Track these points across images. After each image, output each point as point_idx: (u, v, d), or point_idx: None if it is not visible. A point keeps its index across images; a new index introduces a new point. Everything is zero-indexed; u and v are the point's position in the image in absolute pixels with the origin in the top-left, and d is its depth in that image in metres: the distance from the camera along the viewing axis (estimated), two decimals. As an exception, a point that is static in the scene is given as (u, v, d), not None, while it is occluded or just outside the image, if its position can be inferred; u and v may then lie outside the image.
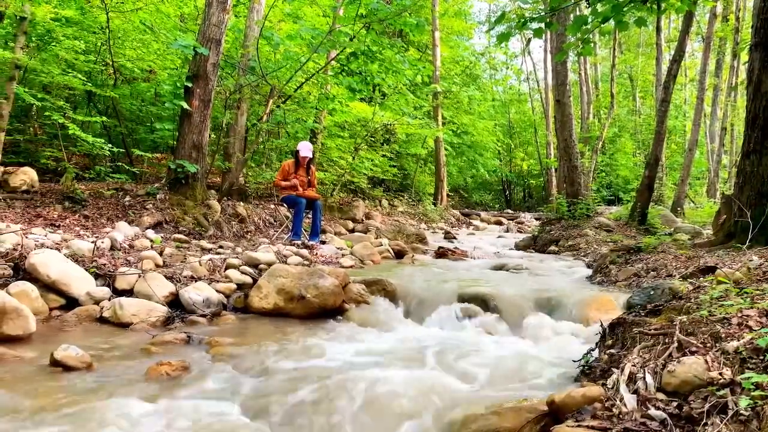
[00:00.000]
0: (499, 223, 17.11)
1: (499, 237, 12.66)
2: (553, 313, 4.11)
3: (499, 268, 6.53)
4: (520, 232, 14.49)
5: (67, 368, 2.74)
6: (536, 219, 17.09)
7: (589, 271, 6.10)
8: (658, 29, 15.57)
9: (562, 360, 3.06)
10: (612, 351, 2.60)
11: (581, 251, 8.14)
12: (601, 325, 2.89)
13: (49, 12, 7.48)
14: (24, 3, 7.16)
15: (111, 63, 9.20)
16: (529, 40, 27.89)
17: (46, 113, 7.60)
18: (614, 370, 2.28)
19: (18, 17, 7.34)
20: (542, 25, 4.16)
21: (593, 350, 2.81)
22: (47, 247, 4.34)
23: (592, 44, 4.45)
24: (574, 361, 2.79)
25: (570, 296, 4.34)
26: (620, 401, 1.97)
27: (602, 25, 3.96)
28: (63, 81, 7.74)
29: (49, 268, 3.89)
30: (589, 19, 3.95)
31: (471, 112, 21.84)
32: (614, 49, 20.99)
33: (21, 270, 3.94)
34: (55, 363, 2.76)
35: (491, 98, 28.88)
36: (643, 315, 2.84)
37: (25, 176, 7.13)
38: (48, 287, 3.87)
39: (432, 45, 18.76)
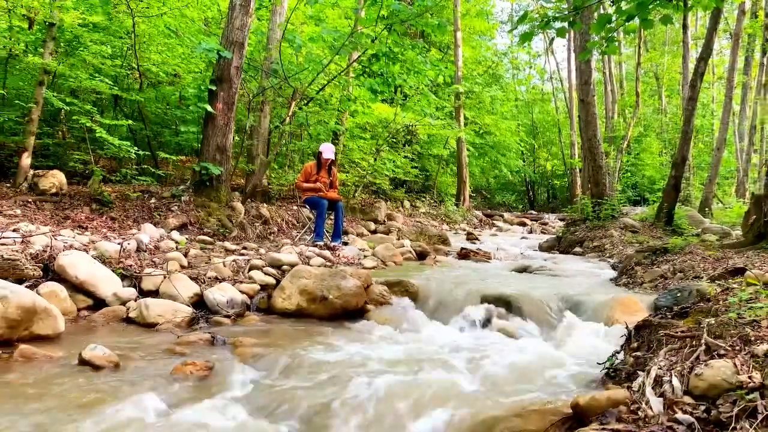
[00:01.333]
0: (523, 224, 16.98)
1: (523, 238, 12.56)
2: (577, 315, 4.06)
3: (523, 269, 6.48)
4: (544, 233, 14.36)
5: (95, 367, 2.79)
6: (560, 220, 16.92)
7: (614, 273, 6.02)
8: (685, 27, 15.31)
9: (586, 362, 3.03)
10: (637, 353, 2.56)
11: (606, 252, 8.04)
12: (627, 327, 2.85)
13: (77, 18, 7.62)
14: (53, 9, 7.32)
15: (137, 67, 9.34)
16: (552, 40, 27.69)
17: (74, 117, 7.74)
18: (640, 372, 2.25)
19: (47, 23, 7.51)
20: (565, 24, 4.11)
21: (618, 353, 2.77)
22: (75, 249, 4.43)
23: (616, 43, 4.39)
24: (599, 364, 2.75)
25: (595, 298, 4.29)
26: (646, 404, 1.94)
27: (627, 24, 3.90)
28: (90, 85, 7.89)
29: (77, 269, 3.97)
30: (614, 18, 3.90)
31: (493, 113, 21.71)
32: (639, 48, 20.68)
33: (50, 271, 4.03)
34: (83, 362, 2.81)
35: (514, 98, 28.69)
36: (670, 317, 2.79)
37: (54, 179, 7.28)
38: (76, 288, 3.94)
39: (454, 45, 18.70)
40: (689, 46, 16.06)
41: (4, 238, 4.60)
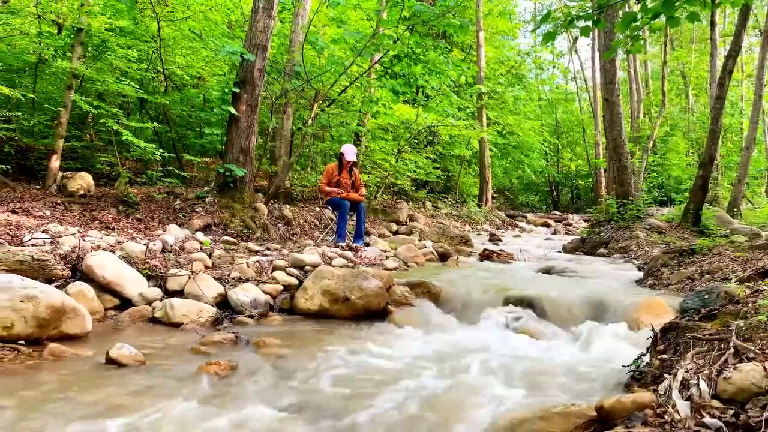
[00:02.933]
0: (546, 225, 16.83)
1: (546, 239, 12.44)
2: (602, 317, 4.01)
3: (547, 270, 6.42)
4: (568, 234, 14.21)
5: (122, 366, 2.84)
6: (585, 221, 16.74)
7: (640, 274, 5.93)
8: (713, 24, 15.02)
9: (611, 365, 2.99)
10: (664, 356, 2.52)
11: (632, 254, 7.92)
12: (653, 329, 2.81)
13: (104, 23, 7.76)
14: (81, 14, 7.47)
15: (162, 70, 9.49)
16: (576, 39, 27.39)
17: (101, 120, 7.88)
18: (666, 376, 2.21)
19: (75, 28, 7.66)
20: (589, 23, 4.06)
21: (644, 355, 2.73)
22: (103, 250, 4.50)
23: (641, 41, 4.33)
24: (624, 366, 2.72)
25: (620, 299, 4.23)
26: (673, 408, 1.91)
27: (652, 22, 3.84)
28: (117, 89, 8.02)
29: (104, 269, 4.04)
30: (639, 16, 3.84)
31: (516, 113, 21.56)
32: (665, 46, 20.35)
33: (78, 271, 4.10)
34: (110, 361, 2.86)
35: (537, 98, 28.47)
36: (697, 319, 2.75)
37: (82, 181, 7.42)
38: (103, 288, 4.01)
39: (476, 45, 18.63)
40: (717, 43, 15.75)
41: (34, 238, 4.70)
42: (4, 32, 8.04)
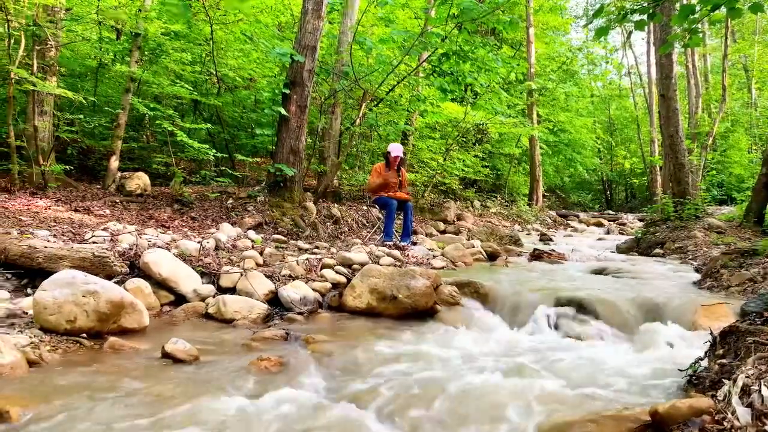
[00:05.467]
0: (599, 225, 16.42)
1: (599, 239, 12.14)
2: (657, 319, 3.88)
3: (599, 271, 6.26)
4: (622, 234, 13.83)
5: (176, 360, 2.92)
6: (639, 220, 16.25)
7: (698, 276, 5.72)
8: (777, 14, 14.34)
9: (666, 369, 2.90)
10: (723, 361, 2.43)
11: (689, 254, 7.65)
12: (711, 333, 2.71)
13: (160, 27, 8.02)
14: (138, 20, 7.74)
15: (215, 72, 9.73)
16: (630, 33, 26.61)
17: (157, 122, 8.15)
18: (725, 381, 2.13)
19: (133, 33, 7.94)
20: (644, 16, 3.94)
21: (702, 359, 2.63)
22: (159, 247, 4.65)
23: (700, 34, 4.16)
24: (681, 371, 2.63)
25: (676, 302, 4.09)
26: (732, 415, 1.83)
27: (712, 14, 3.69)
28: (172, 91, 8.28)
29: (160, 266, 4.17)
30: (697, 8, 3.70)
31: (568, 109, 21.14)
32: (726, 38, 19.52)
33: (136, 268, 4.25)
34: (165, 355, 2.95)
35: (590, 94, 27.80)
36: (760, 323, 2.63)
37: (140, 181, 7.69)
38: (159, 284, 4.15)
39: (526, 42, 18.36)
40: (782, 34, 15.00)
41: (95, 236, 4.91)
42: (68, 39, 8.41)
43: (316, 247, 6.31)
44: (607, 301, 4.17)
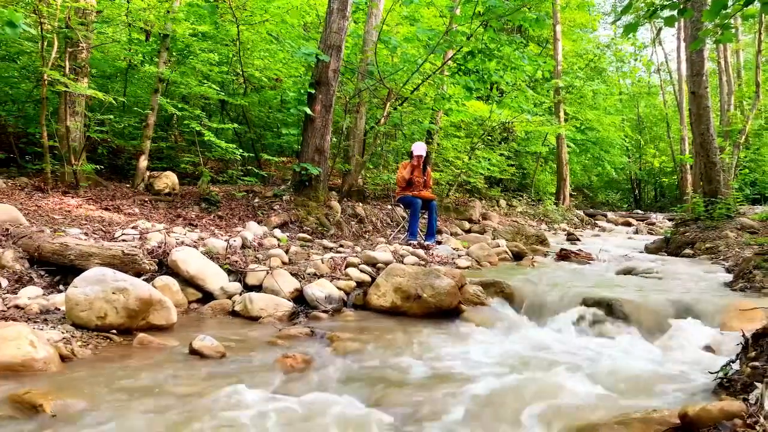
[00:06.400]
0: (628, 224, 16.17)
1: (628, 239, 11.95)
2: (686, 321, 3.81)
3: (628, 271, 6.17)
4: (651, 233, 13.60)
5: (204, 357, 2.96)
6: (669, 220, 15.95)
7: (730, 277, 5.59)
8: (814, 8, 13.92)
9: (696, 371, 2.84)
10: (756, 364, 2.37)
11: (720, 255, 7.48)
12: (743, 335, 2.65)
13: (188, 28, 8.12)
14: (167, 21, 7.85)
15: (241, 73, 9.83)
16: (659, 30, 26.12)
17: (185, 122, 8.26)
18: (758, 384, 2.08)
19: (161, 35, 8.06)
20: (674, 12, 3.86)
21: (733, 362, 2.58)
22: (186, 245, 4.72)
23: (732, 30, 4.06)
24: (711, 373, 2.57)
25: (707, 303, 4.01)
26: (765, 419, 1.79)
27: (745, 9, 3.60)
28: (199, 91, 8.38)
29: (188, 264, 4.23)
30: (730, 3, 3.61)
31: (596, 107, 20.83)
32: (760, 34, 18.99)
33: (164, 265, 4.32)
34: (193, 351, 2.99)
35: (618, 92, 27.38)
36: (795, 326, 2.56)
37: (168, 180, 7.80)
38: (187, 282, 4.21)
39: (553, 39, 18.15)
40: (819, 28, 14.59)
41: (124, 234, 5.00)
42: (99, 40, 8.57)
43: (341, 246, 6.34)
44: (635, 301, 4.10)
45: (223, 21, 9.26)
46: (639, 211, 21.24)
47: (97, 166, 7.61)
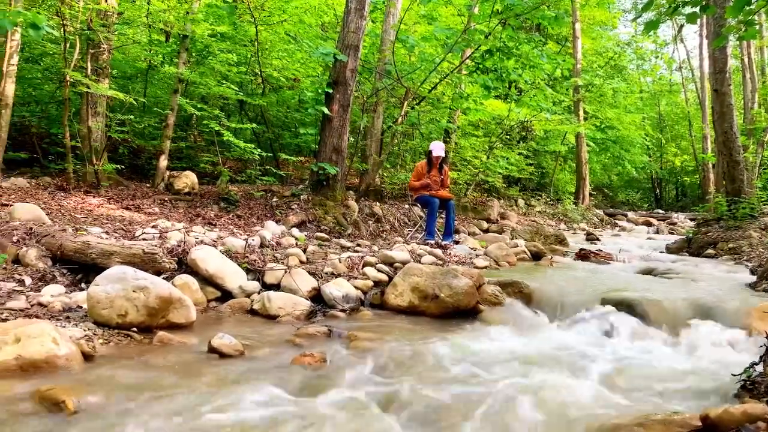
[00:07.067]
0: (648, 224, 15.97)
1: (648, 239, 11.81)
2: (708, 322, 3.75)
3: (648, 272, 6.09)
4: (672, 233, 13.42)
5: (222, 355, 2.98)
6: (690, 219, 15.73)
7: (753, 278, 5.49)
8: (841, 3, 13.63)
9: (718, 373, 2.80)
10: (780, 366, 2.33)
11: (743, 255, 7.35)
12: (767, 336, 2.60)
13: (207, 29, 8.20)
14: (186, 22, 7.92)
15: (259, 73, 9.88)
16: (681, 26, 25.76)
17: (204, 122, 8.33)
18: (783, 387, 2.04)
19: (181, 36, 8.13)
20: (697, 9, 3.80)
21: (756, 364, 2.53)
22: (205, 244, 4.76)
23: (756, 26, 3.99)
24: (734, 375, 2.53)
25: (729, 304, 3.94)
26: (791, 422, 1.75)
27: (769, 3, 3.54)
28: (218, 91, 8.45)
29: (207, 263, 4.26)
30: (753, -2, 3.55)
31: (616, 106, 20.61)
32: (785, 29, 18.69)
33: (184, 264, 4.36)
34: (212, 350, 3.01)
35: (638, 90, 27.04)
36: (821, 327, 2.51)
37: (187, 179, 7.88)
38: (206, 280, 4.24)
39: (572, 37, 18.00)
40: None
41: (145, 233, 5.05)
42: (120, 42, 8.69)
43: (358, 245, 6.34)
44: (656, 302, 4.05)
45: (241, 21, 9.33)
46: (660, 211, 20.99)
47: (118, 166, 7.71)
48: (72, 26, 6.94)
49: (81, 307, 3.49)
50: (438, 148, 7.57)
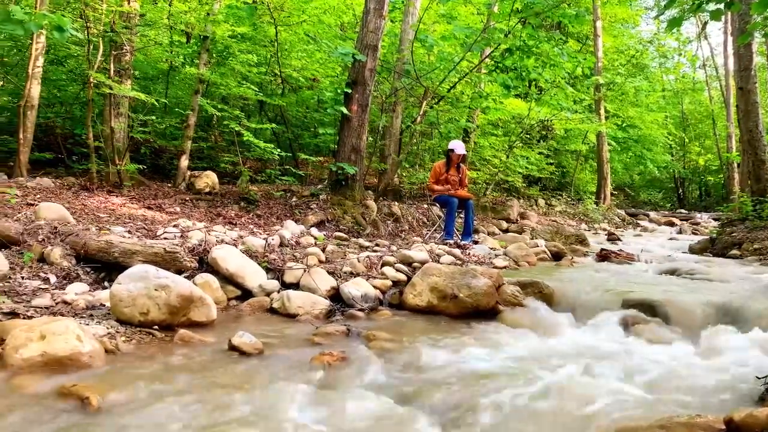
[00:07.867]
0: (671, 224, 15.75)
1: (671, 239, 11.64)
2: (732, 324, 3.69)
3: (671, 273, 6.00)
4: (695, 234, 13.21)
5: (242, 353, 3.01)
6: (714, 219, 15.47)
7: (780, 279, 5.39)
8: None
9: (742, 376, 2.75)
10: (808, 369, 2.28)
11: (769, 255, 7.22)
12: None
13: (227, 30, 8.26)
14: (207, 23, 8.00)
15: (279, 73, 9.94)
16: (705, 23, 25.36)
17: (225, 122, 8.40)
18: (811, 391, 2.00)
19: (201, 37, 8.21)
20: (721, 6, 3.74)
21: (783, 367, 2.49)
22: (226, 243, 4.80)
23: (783, 21, 3.91)
24: (759, 378, 2.49)
25: (754, 305, 3.87)
26: (818, 427, 1.72)
27: (796, -1, 3.46)
28: (238, 92, 8.52)
29: (227, 262, 4.30)
30: (780, -6, 3.48)
31: (638, 104, 20.34)
32: (812, 26, 18.31)
33: (204, 263, 4.40)
34: (232, 348, 3.04)
35: (661, 88, 26.68)
36: None
37: (208, 179, 7.95)
38: (226, 279, 4.27)
39: (593, 35, 17.82)
40: None
41: (166, 232, 5.11)
42: (142, 43, 8.80)
43: (377, 245, 6.35)
44: (679, 303, 3.99)
45: (261, 22, 9.39)
46: (683, 211, 20.68)
47: (140, 166, 7.81)
48: (95, 28, 7.05)
49: (104, 305, 3.54)
50: (459, 147, 7.54)
